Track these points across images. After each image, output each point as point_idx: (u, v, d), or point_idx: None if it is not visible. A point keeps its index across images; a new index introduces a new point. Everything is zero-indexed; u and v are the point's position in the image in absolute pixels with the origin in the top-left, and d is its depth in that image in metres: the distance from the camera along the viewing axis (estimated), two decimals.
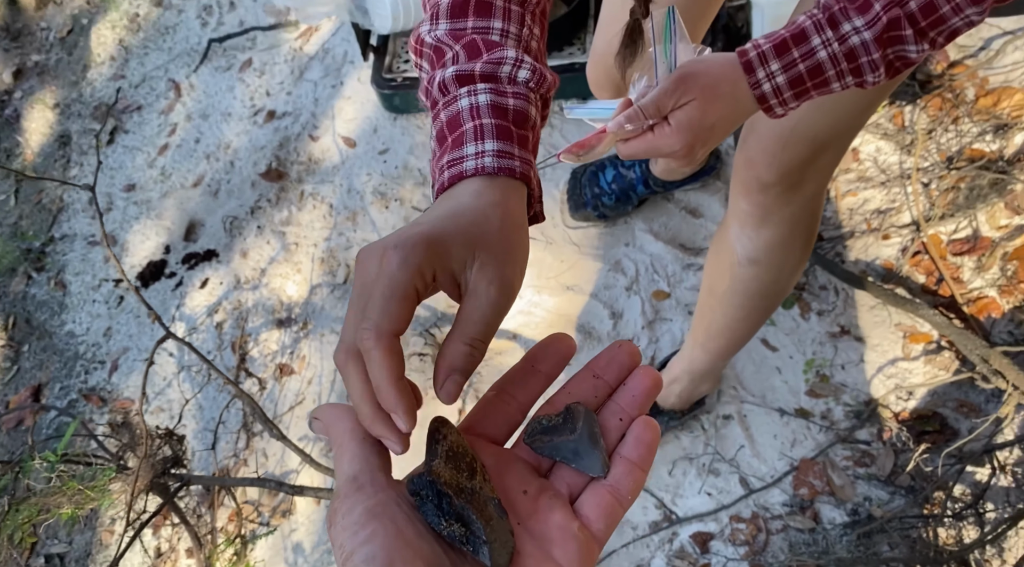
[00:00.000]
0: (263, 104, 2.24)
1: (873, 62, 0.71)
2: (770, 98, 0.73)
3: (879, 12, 0.69)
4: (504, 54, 0.59)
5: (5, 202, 2.41)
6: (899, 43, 0.71)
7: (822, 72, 0.72)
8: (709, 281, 1.27)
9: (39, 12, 2.81)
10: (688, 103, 0.73)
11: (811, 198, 1.07)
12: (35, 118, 2.53)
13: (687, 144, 0.74)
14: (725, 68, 0.74)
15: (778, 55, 0.72)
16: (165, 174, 2.23)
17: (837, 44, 0.71)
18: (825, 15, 0.71)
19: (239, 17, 2.42)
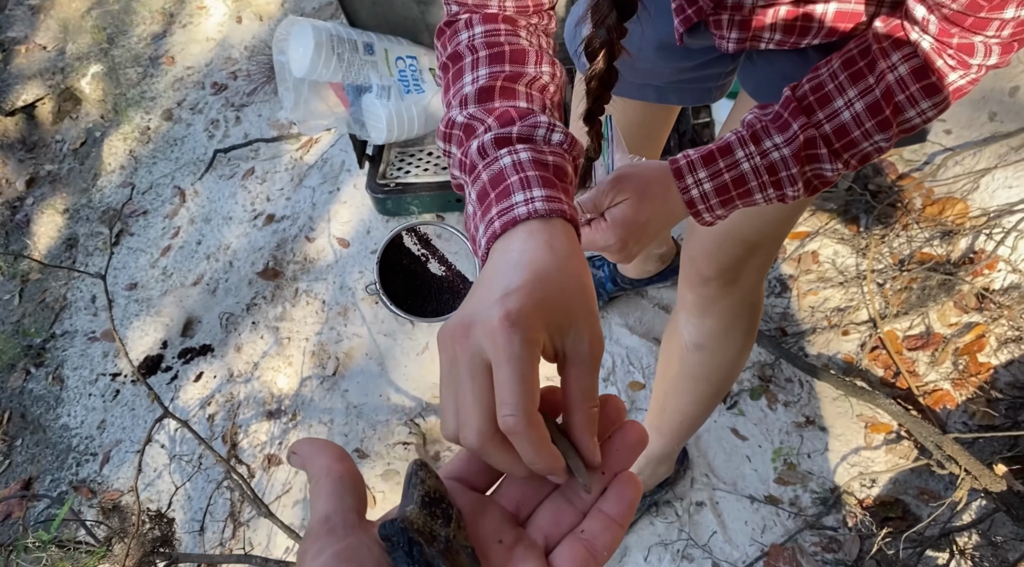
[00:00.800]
0: (263, 208, 2.38)
1: (792, 176, 0.77)
2: (698, 203, 0.80)
3: (796, 131, 0.76)
4: (537, 119, 0.63)
5: (10, 301, 2.50)
6: (816, 161, 0.77)
7: (745, 182, 0.78)
8: (662, 366, 1.37)
9: (55, 126, 2.99)
10: (623, 201, 0.80)
11: (749, 291, 1.18)
12: (44, 223, 2.67)
13: (620, 239, 0.80)
14: (657, 172, 0.80)
15: (705, 165, 0.79)
16: (166, 274, 2.35)
17: (759, 158, 0.77)
18: (748, 132, 0.79)
19: (244, 130, 2.60)
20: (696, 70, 1.09)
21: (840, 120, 0.76)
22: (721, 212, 0.81)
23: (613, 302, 1.91)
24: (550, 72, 0.73)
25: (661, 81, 1.14)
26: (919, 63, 0.74)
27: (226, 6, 3.01)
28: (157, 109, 2.80)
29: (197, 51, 2.91)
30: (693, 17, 0.94)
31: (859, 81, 0.76)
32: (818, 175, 0.78)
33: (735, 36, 0.93)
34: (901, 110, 0.76)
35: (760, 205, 0.81)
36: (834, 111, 0.76)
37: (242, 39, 2.87)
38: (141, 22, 3.11)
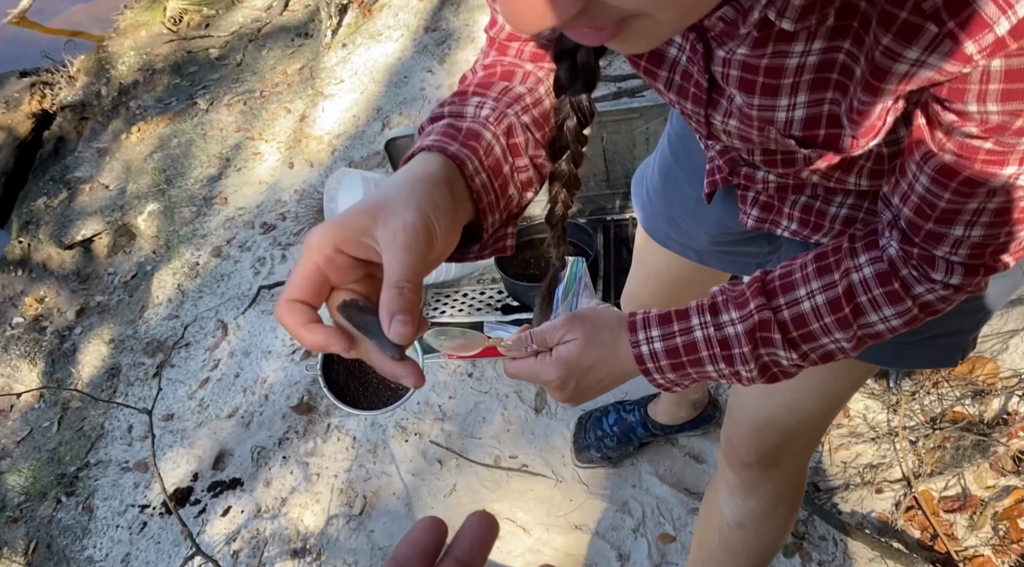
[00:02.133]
0: (301, 344, 2.45)
1: (744, 355, 0.75)
2: (647, 360, 0.78)
3: (752, 310, 0.75)
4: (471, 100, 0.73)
5: (49, 428, 2.55)
6: (770, 345, 0.75)
7: (696, 350, 0.77)
8: (699, 536, 1.35)
9: (109, 259, 3.14)
10: (571, 341, 0.79)
11: (792, 475, 1.18)
12: (90, 352, 2.75)
13: (561, 377, 0.79)
14: (612, 321, 0.80)
15: (660, 324, 0.78)
16: (203, 405, 2.39)
17: (713, 329, 0.77)
18: (709, 302, 0.79)
19: (289, 268, 2.71)
20: (733, 244, 1.12)
21: (799, 309, 0.75)
22: (672, 377, 0.79)
23: (643, 449, 1.91)
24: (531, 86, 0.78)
25: (699, 246, 1.19)
26: (883, 268, 0.73)
27: (279, 152, 3.21)
28: (207, 246, 2.93)
29: (249, 193, 3.08)
30: (719, 183, 1.00)
31: (825, 275, 0.75)
32: (775, 362, 0.77)
33: (755, 214, 0.98)
34: (862, 311, 0.74)
35: (719, 380, 0.80)
36: (795, 299, 0.75)
37: (292, 183, 3.04)
38: (199, 165, 3.31)
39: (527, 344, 0.81)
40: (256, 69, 3.69)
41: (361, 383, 0.77)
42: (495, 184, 0.70)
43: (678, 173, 1.16)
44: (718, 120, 0.75)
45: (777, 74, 0.64)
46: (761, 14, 0.58)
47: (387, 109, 3.16)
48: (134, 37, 4.22)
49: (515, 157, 0.73)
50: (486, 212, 0.70)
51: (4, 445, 2.54)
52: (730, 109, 0.72)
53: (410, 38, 3.44)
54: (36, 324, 2.94)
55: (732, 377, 0.78)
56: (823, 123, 0.67)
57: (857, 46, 0.59)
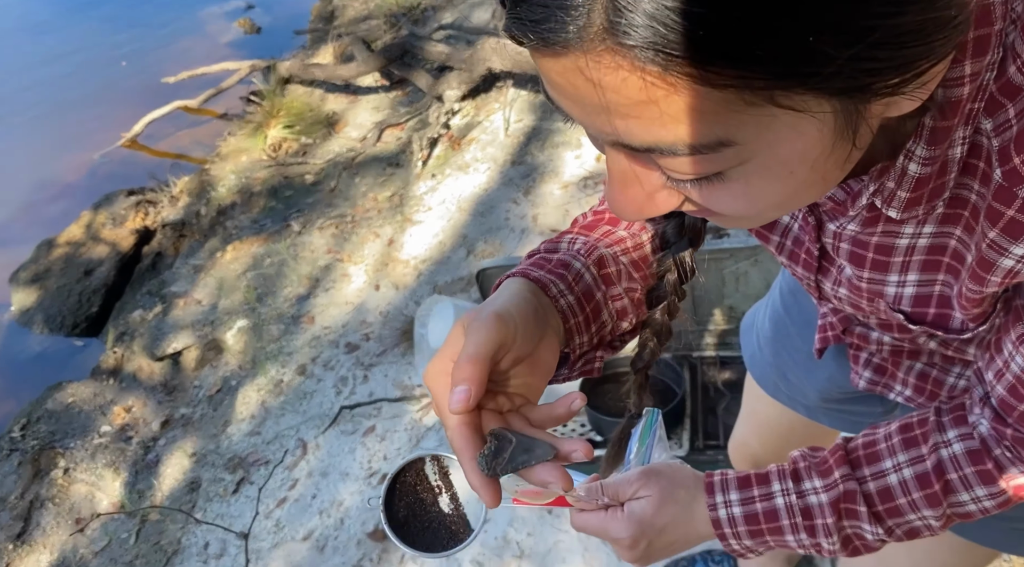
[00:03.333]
0: (379, 467, 2.45)
1: (827, 527, 0.72)
2: (724, 525, 0.75)
3: (837, 479, 0.73)
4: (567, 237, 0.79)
5: (126, 540, 2.57)
6: (855, 518, 0.73)
7: (777, 518, 0.74)
8: None
9: (196, 372, 3.23)
10: (645, 498, 0.76)
11: None
12: (172, 464, 2.80)
13: (632, 536, 0.76)
14: (688, 480, 0.78)
15: (739, 488, 0.76)
16: (279, 526, 2.39)
17: (795, 496, 0.74)
18: (791, 467, 0.76)
19: (370, 389, 2.74)
20: (844, 402, 1.11)
21: (885, 482, 0.72)
22: (749, 543, 0.76)
23: None
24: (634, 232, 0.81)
25: (809, 401, 1.17)
26: (975, 446, 0.70)
27: (366, 275, 3.31)
28: (292, 364, 3.00)
29: (336, 313, 3.17)
30: (831, 340, 0.99)
31: (911, 447, 0.72)
32: (859, 535, 0.73)
33: (868, 376, 0.96)
34: (953, 490, 0.71)
35: (797, 550, 0.76)
36: (881, 471, 0.73)
37: (378, 305, 3.12)
38: (289, 284, 3.44)
39: (598, 496, 0.78)
40: (348, 195, 3.87)
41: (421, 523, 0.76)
42: (586, 308, 0.73)
43: (789, 326, 1.16)
44: (828, 287, 0.76)
45: (887, 252, 0.65)
46: (868, 200, 0.59)
47: (472, 237, 3.26)
48: (235, 162, 4.49)
49: (608, 286, 0.76)
50: (573, 332, 0.72)
51: (82, 555, 2.55)
52: (840, 278, 0.73)
53: (497, 171, 3.58)
54: (122, 433, 3.01)
55: (812, 548, 0.75)
56: (933, 302, 0.67)
57: (968, 234, 0.59)
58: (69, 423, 3.09)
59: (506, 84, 3.93)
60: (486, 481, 0.61)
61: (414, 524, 0.76)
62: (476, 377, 0.60)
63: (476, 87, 4.03)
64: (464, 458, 0.61)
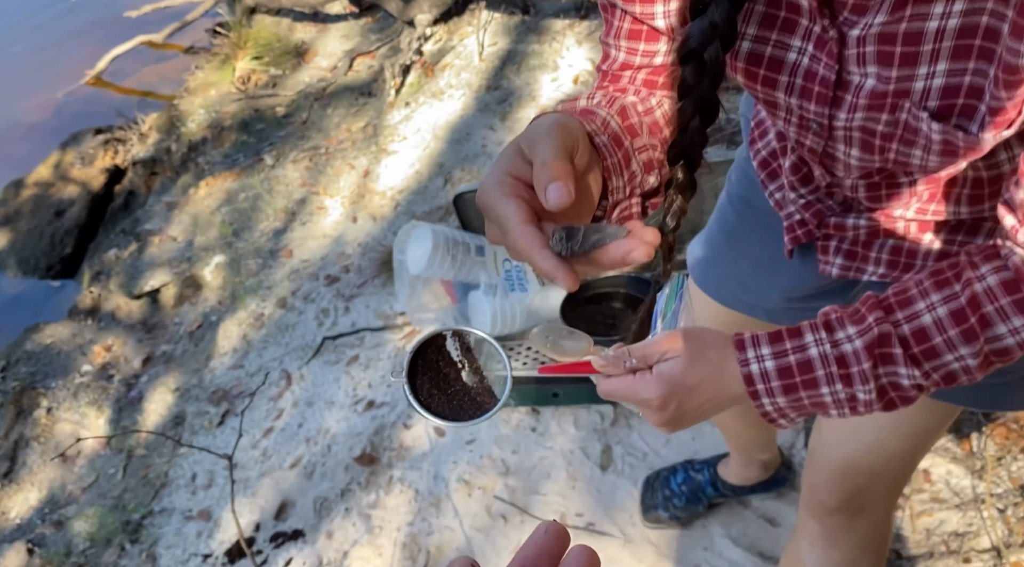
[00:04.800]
0: (364, 394, 2.46)
1: (863, 373, 0.71)
2: (757, 381, 0.73)
3: (871, 323, 0.71)
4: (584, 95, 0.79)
5: (114, 475, 2.58)
6: (891, 363, 0.71)
7: (812, 369, 0.72)
8: None
9: (175, 309, 3.21)
10: (674, 358, 0.73)
11: (876, 524, 1.14)
12: (156, 400, 2.80)
13: (663, 396, 0.73)
14: (718, 339, 0.75)
15: (771, 342, 0.74)
16: (266, 455, 2.40)
17: (829, 346, 0.72)
18: (822, 319, 0.74)
19: (352, 319, 2.74)
20: (806, 300, 1.11)
21: (920, 322, 0.71)
22: (783, 402, 0.73)
23: (714, 510, 1.86)
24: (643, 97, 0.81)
25: (771, 304, 1.17)
26: (1010, 276, 0.69)
27: (343, 207, 3.27)
28: (272, 297, 2.99)
29: (313, 246, 3.14)
30: (802, 238, 0.99)
31: (944, 287, 0.71)
32: (894, 383, 0.72)
33: (839, 263, 0.97)
34: (989, 323, 0.70)
35: (833, 414, 0.75)
36: (914, 313, 0.71)
37: (356, 237, 3.09)
38: (264, 219, 3.40)
39: (625, 360, 0.75)
40: (321, 127, 3.80)
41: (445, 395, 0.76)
42: (617, 152, 0.72)
43: (747, 233, 1.16)
44: (842, 119, 0.74)
45: (916, 40, 0.64)
46: None
47: (449, 165, 3.22)
48: (203, 96, 4.38)
49: (633, 137, 0.75)
50: (611, 173, 0.71)
51: (71, 491, 2.57)
52: (856, 102, 0.72)
53: (472, 96, 3.52)
54: (104, 372, 3.00)
55: (848, 402, 0.73)
56: (963, 92, 0.66)
57: (1003, 2, 0.58)
58: (49, 363, 3.08)
59: (479, 6, 3.83)
60: (561, 263, 0.59)
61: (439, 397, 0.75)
62: (568, 172, 0.59)
63: (448, 11, 3.93)
64: (535, 250, 0.60)
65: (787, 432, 1.96)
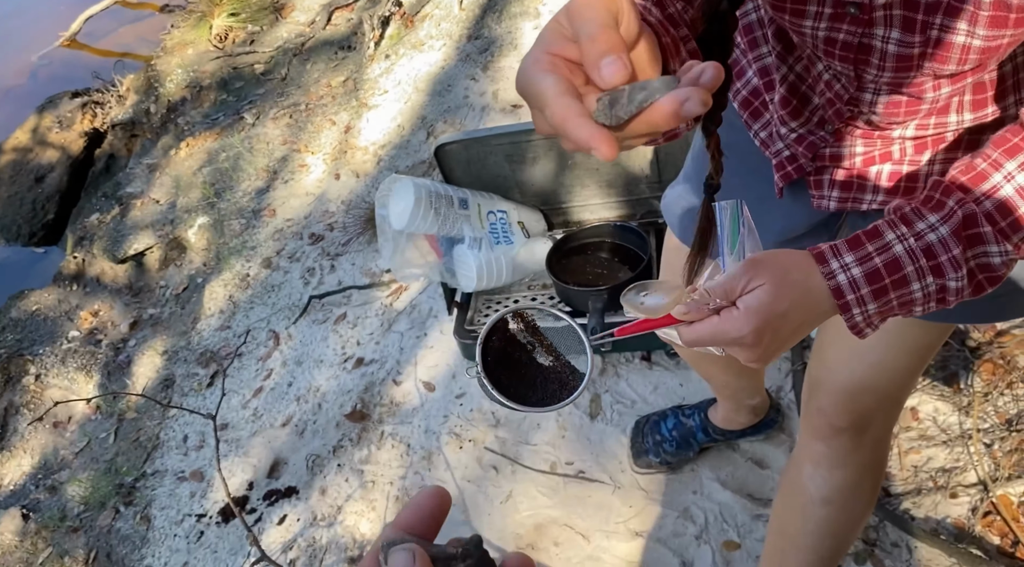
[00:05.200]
0: (353, 352, 2.45)
1: (954, 260, 0.68)
2: (847, 291, 0.70)
3: (953, 207, 0.69)
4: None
5: (105, 439, 2.58)
6: (980, 243, 0.69)
7: (900, 267, 0.69)
8: (779, 522, 1.31)
9: (160, 272, 3.18)
10: (758, 287, 0.69)
11: (878, 443, 1.16)
12: (144, 363, 2.78)
13: (755, 329, 0.69)
14: (796, 257, 0.72)
15: (851, 248, 0.70)
16: (257, 415, 2.40)
17: (913, 240, 0.69)
18: (897, 215, 0.71)
19: (338, 277, 2.72)
20: (796, 241, 1.09)
21: (1002, 194, 0.68)
22: (873, 308, 0.70)
23: (704, 455, 1.87)
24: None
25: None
26: None
27: (325, 164, 3.23)
28: (257, 257, 2.96)
29: (297, 204, 3.11)
30: (793, 174, 0.97)
31: (1017, 154, 0.69)
32: (984, 265, 0.69)
33: (836, 195, 0.95)
34: None
35: (918, 311, 0.72)
36: (993, 186, 0.69)
37: (339, 194, 3.05)
38: (246, 178, 3.35)
39: (707, 301, 0.70)
40: (301, 83, 3.73)
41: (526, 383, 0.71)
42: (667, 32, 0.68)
43: (729, 178, 1.13)
44: (879, 38, 0.72)
45: None
46: None
47: (431, 118, 3.17)
48: (181, 55, 4.29)
49: (675, 28, 0.71)
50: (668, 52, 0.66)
51: (63, 456, 2.57)
52: (890, 16, 0.70)
53: (453, 47, 3.45)
54: (91, 337, 2.98)
55: (937, 295, 0.70)
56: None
57: None
58: (35, 330, 3.06)
59: None
60: (597, 129, 0.53)
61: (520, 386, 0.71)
62: (620, 43, 0.53)
63: None
64: (570, 118, 0.53)
65: (774, 376, 1.96)
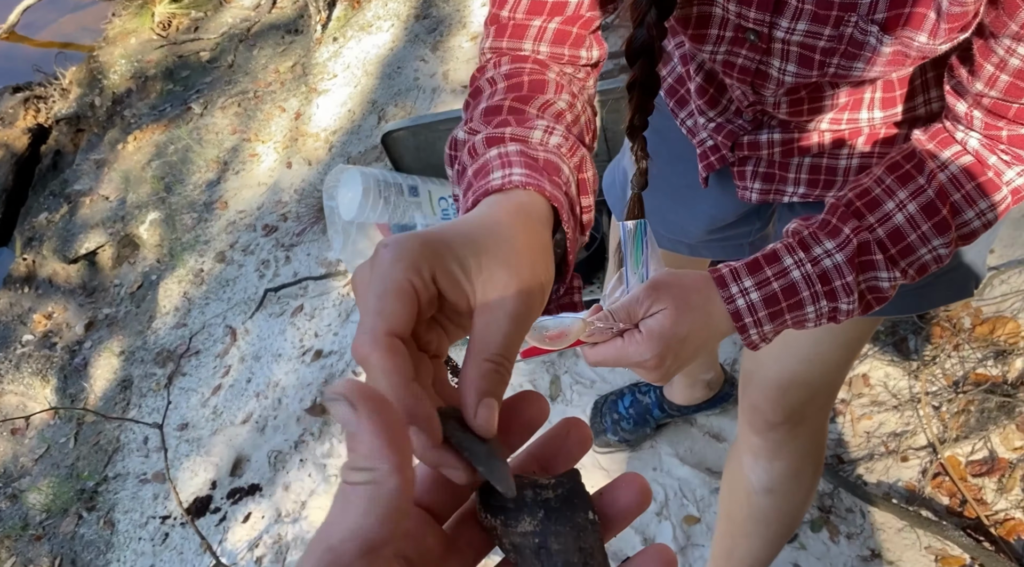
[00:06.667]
0: (311, 345, 2.43)
1: (847, 286, 0.71)
2: (744, 315, 0.72)
3: (849, 235, 0.70)
4: (535, 124, 0.60)
5: (65, 444, 2.55)
6: (871, 269, 0.71)
7: (796, 292, 0.71)
8: (726, 508, 1.33)
9: (114, 271, 3.13)
10: (660, 312, 0.71)
11: (815, 431, 1.17)
12: (101, 365, 2.74)
13: (657, 354, 0.70)
14: (698, 281, 0.73)
15: (751, 272, 0.72)
16: (217, 413, 2.38)
17: (810, 265, 0.71)
18: (795, 239, 0.72)
19: (293, 269, 2.69)
20: (726, 229, 1.10)
21: (893, 223, 0.70)
22: (769, 328, 0.73)
23: (662, 430, 1.89)
24: (568, 101, 0.67)
25: (692, 238, 1.16)
26: (970, 161, 0.70)
27: (276, 153, 3.18)
28: (210, 252, 2.92)
29: (249, 196, 3.06)
30: (715, 164, 0.97)
31: (908, 182, 0.71)
32: (873, 287, 0.72)
33: (757, 187, 0.95)
34: (959, 211, 0.71)
35: (810, 326, 0.74)
36: (885, 214, 0.71)
37: (291, 183, 3.01)
38: (197, 170, 3.29)
39: (611, 324, 0.71)
40: (248, 69, 3.66)
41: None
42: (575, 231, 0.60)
43: (662, 166, 1.13)
44: (783, 28, 0.71)
45: None
46: None
47: (382, 101, 3.13)
48: (124, 45, 4.19)
49: (582, 195, 0.61)
50: (569, 263, 0.58)
51: (23, 464, 2.54)
52: (801, 8, 0.69)
53: (401, 27, 3.40)
54: (46, 340, 2.93)
55: (829, 314, 0.72)
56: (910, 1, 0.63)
57: None
58: None
59: None
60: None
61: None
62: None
63: None
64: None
65: (728, 349, 1.98)
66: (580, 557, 0.38)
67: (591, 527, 0.39)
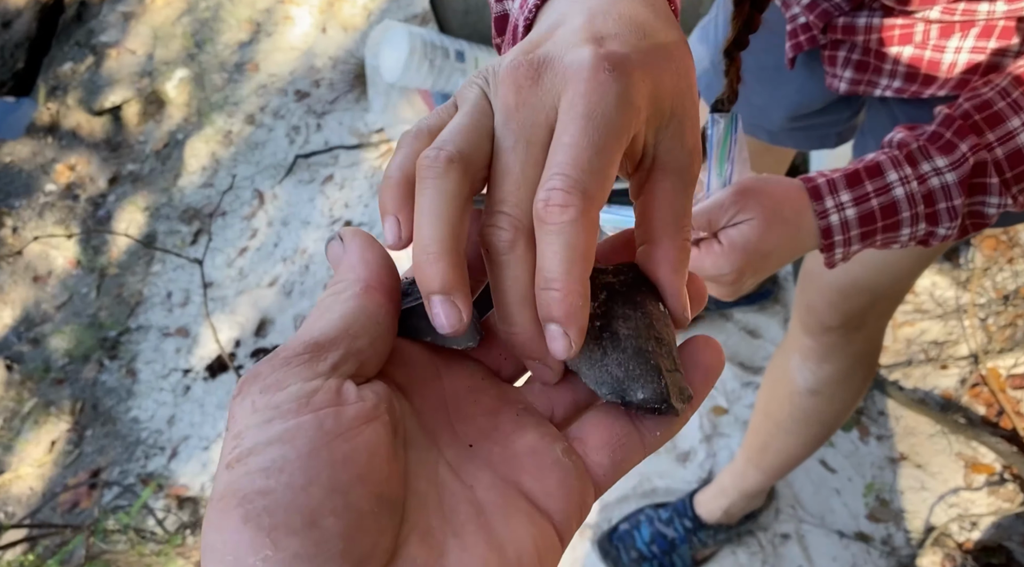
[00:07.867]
0: (341, 214, 2.39)
1: (952, 209, 0.64)
2: (836, 232, 0.66)
3: (966, 153, 0.63)
4: None
5: (87, 294, 2.54)
6: (981, 193, 0.65)
7: (895, 212, 0.65)
8: (765, 405, 1.30)
9: (139, 127, 3.05)
10: (745, 222, 0.64)
11: (872, 337, 1.12)
12: (125, 219, 2.71)
13: (737, 269, 0.64)
14: (790, 191, 0.66)
15: (849, 186, 0.65)
16: (242, 274, 2.36)
17: (916, 183, 0.64)
18: (903, 152, 0.66)
19: (325, 137, 2.62)
20: (810, 117, 1.02)
21: (1016, 143, 0.64)
22: (856, 248, 0.67)
23: (696, 323, 1.85)
24: None
25: (773, 125, 1.08)
26: None
27: (311, 17, 3.05)
28: (240, 113, 2.84)
29: (281, 59, 2.96)
30: (804, 44, 0.88)
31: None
32: (977, 212, 0.66)
33: (848, 76, 0.86)
34: None
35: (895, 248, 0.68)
36: (1009, 133, 0.64)
37: (326, 49, 2.90)
38: (228, 30, 3.17)
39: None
40: None
41: None
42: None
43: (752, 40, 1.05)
44: None
45: None
46: None
47: None
48: None
49: None
50: None
51: (45, 310, 2.53)
52: None
53: None
54: (69, 192, 2.89)
55: (922, 238, 0.66)
56: None
57: None
58: (10, 183, 2.95)
59: None
60: None
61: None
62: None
63: None
64: None
65: None
66: (657, 347, 0.31)
67: (665, 319, 0.33)
